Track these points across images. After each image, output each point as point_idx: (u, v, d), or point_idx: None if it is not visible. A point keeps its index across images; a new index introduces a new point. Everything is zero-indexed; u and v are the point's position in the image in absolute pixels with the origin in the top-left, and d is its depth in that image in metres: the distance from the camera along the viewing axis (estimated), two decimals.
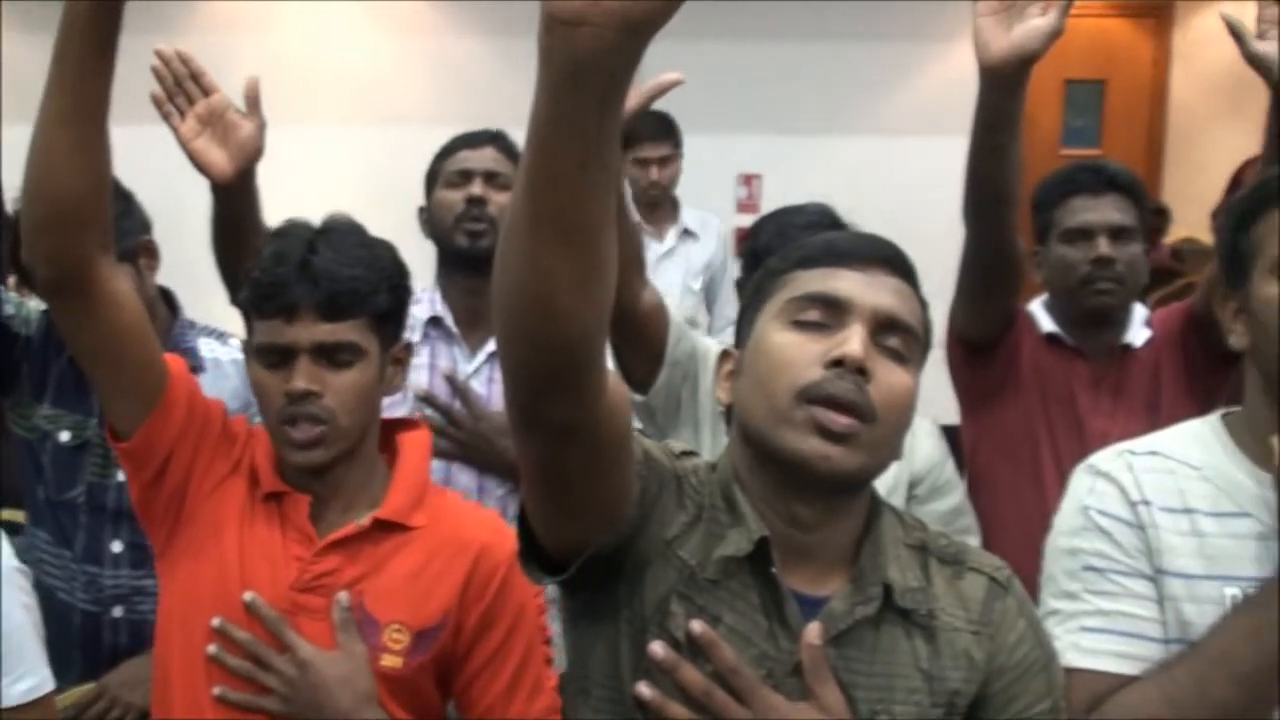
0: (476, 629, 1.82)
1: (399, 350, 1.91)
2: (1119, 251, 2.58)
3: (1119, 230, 2.60)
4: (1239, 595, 1.52)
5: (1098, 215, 2.60)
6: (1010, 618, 1.43)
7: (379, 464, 1.90)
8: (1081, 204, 2.62)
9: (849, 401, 1.31)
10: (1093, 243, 2.59)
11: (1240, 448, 1.60)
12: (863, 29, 5.97)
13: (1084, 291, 2.60)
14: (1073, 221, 2.61)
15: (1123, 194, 2.63)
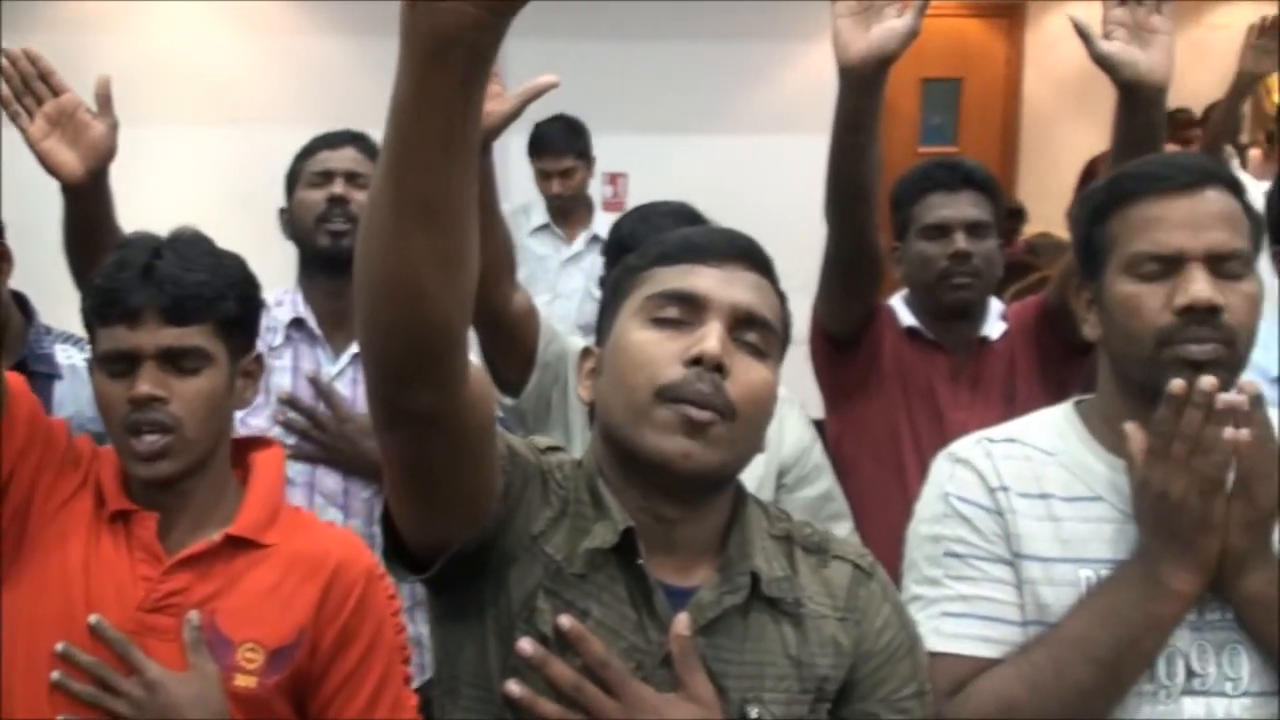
0: (333, 647, 1.77)
1: (249, 362, 1.86)
2: (975, 246, 2.64)
3: (975, 225, 2.65)
4: (1093, 577, 1.56)
5: (954, 211, 2.66)
6: (875, 603, 1.45)
7: (231, 481, 1.85)
8: (939, 200, 2.67)
9: (707, 400, 1.32)
10: (950, 238, 2.64)
11: (1093, 434, 1.64)
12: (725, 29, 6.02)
13: (943, 286, 2.65)
14: (931, 218, 2.67)
15: (978, 190, 2.69)
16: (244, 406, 1.90)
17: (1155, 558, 1.51)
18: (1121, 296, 1.57)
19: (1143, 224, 1.56)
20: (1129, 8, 2.13)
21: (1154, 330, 1.53)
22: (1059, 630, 1.54)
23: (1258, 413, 1.47)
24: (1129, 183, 1.60)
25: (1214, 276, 1.53)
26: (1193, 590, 1.51)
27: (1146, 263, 1.55)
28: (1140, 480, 1.50)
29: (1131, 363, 1.58)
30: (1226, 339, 1.52)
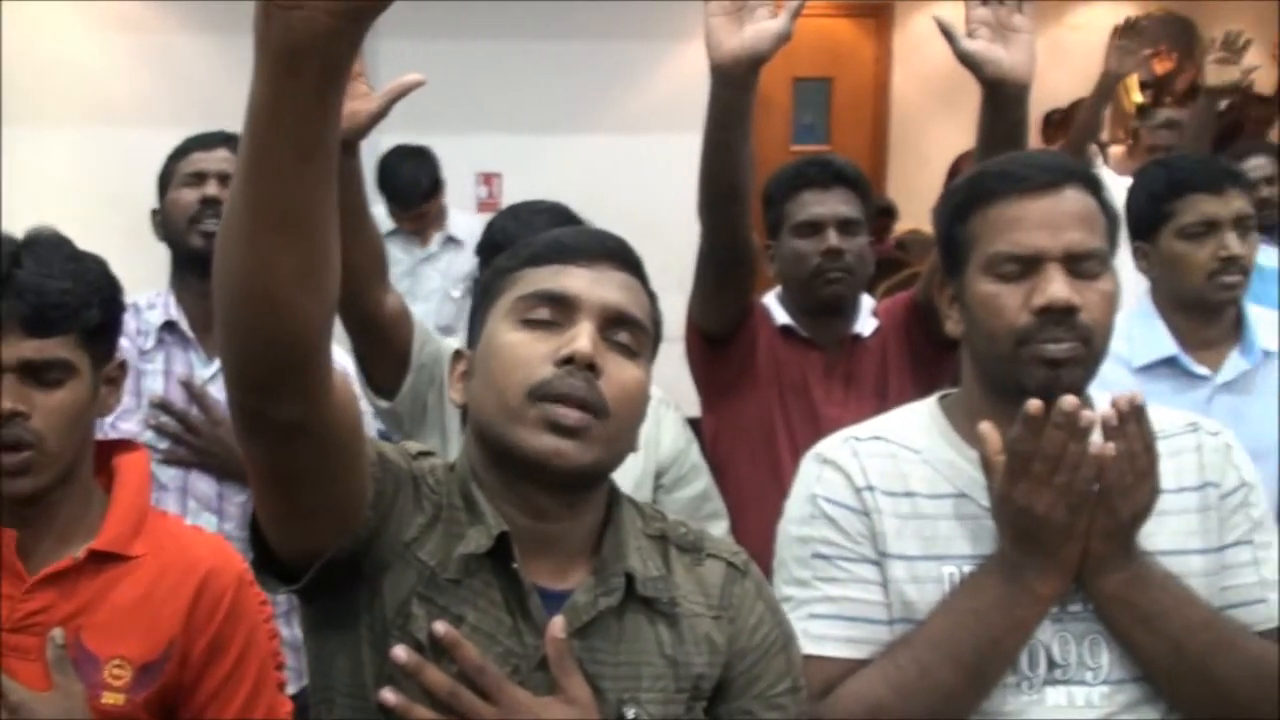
0: (204, 657, 1.74)
1: (112, 369, 1.82)
2: (847, 243, 2.68)
3: (846, 222, 2.69)
4: (956, 573, 1.59)
5: (826, 208, 2.69)
6: (749, 601, 1.46)
7: (95, 489, 1.80)
8: (811, 198, 2.70)
9: (580, 399, 1.33)
10: (823, 235, 2.67)
11: (956, 429, 1.67)
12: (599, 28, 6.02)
13: (816, 282, 2.68)
14: (803, 215, 2.69)
15: (849, 188, 2.72)
16: (107, 413, 1.86)
17: (1018, 563, 1.54)
18: (982, 296, 1.60)
19: (1002, 224, 1.59)
20: (991, 7, 2.16)
21: (1013, 330, 1.56)
22: (924, 632, 1.56)
23: (1131, 425, 1.50)
24: (989, 182, 1.62)
25: (1071, 276, 1.56)
26: (1055, 593, 1.55)
27: (1005, 263, 1.58)
28: (1001, 494, 1.53)
29: (992, 361, 1.61)
30: (1083, 337, 1.56)
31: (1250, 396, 2.61)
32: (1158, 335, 2.64)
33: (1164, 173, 2.67)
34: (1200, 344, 2.63)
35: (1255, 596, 1.63)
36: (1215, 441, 1.70)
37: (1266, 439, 2.58)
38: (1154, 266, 2.67)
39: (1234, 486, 1.67)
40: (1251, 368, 2.63)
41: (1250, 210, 2.62)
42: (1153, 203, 2.64)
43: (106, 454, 1.85)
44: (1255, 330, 2.65)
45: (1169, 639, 1.55)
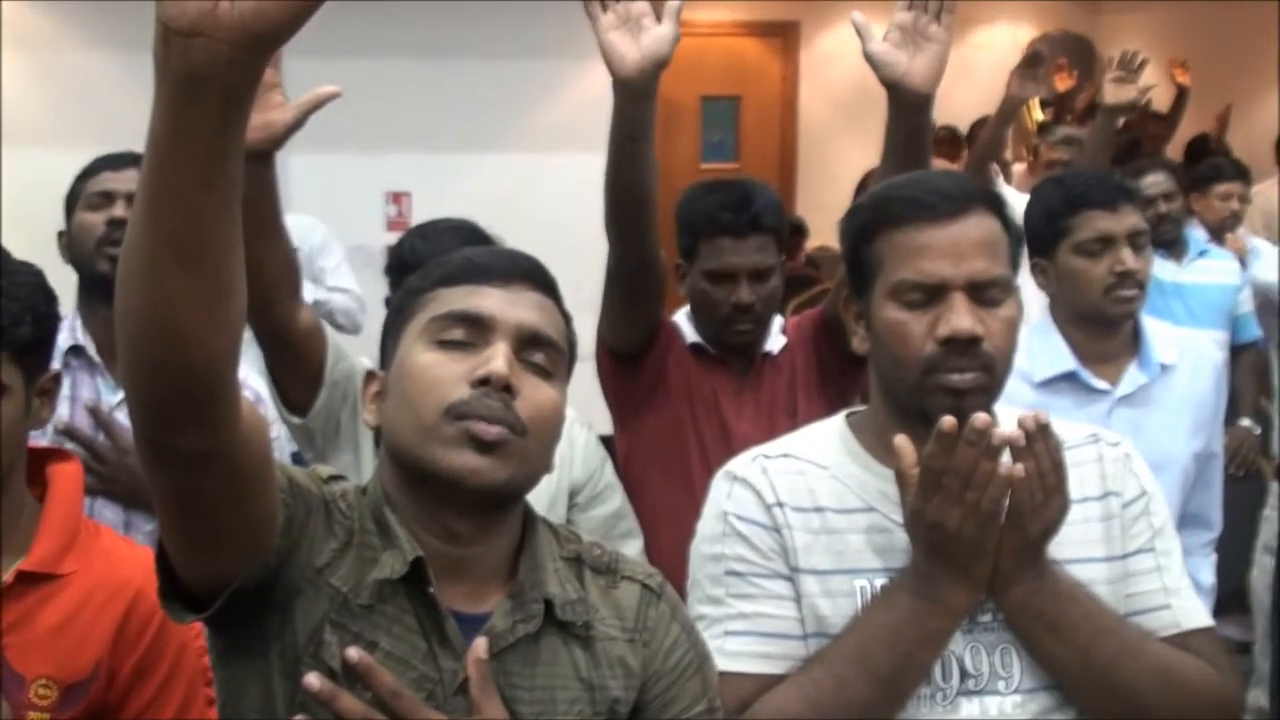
0: (131, 677, 1.72)
1: (46, 381, 1.78)
2: (759, 290, 2.65)
3: (760, 272, 2.66)
4: (868, 587, 1.61)
5: (740, 259, 2.64)
6: (664, 623, 1.47)
7: (27, 501, 1.77)
8: (726, 245, 2.65)
9: (497, 419, 1.33)
10: (734, 284, 2.64)
11: (864, 446, 1.69)
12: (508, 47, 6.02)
13: (725, 330, 2.68)
14: (716, 263, 2.66)
15: (766, 234, 2.68)
16: (40, 426, 1.82)
17: (931, 577, 1.56)
18: (888, 323, 1.62)
19: (908, 252, 1.61)
20: (914, 13, 2.20)
21: (919, 359, 1.59)
22: (838, 646, 1.58)
23: (1038, 443, 1.53)
24: (895, 207, 1.64)
25: (975, 304, 1.59)
26: (967, 606, 1.57)
27: (911, 291, 1.60)
28: (914, 510, 1.54)
29: (898, 386, 1.64)
30: (986, 366, 1.58)
31: (1148, 409, 2.67)
32: (1057, 351, 2.69)
33: (1060, 190, 2.71)
34: (1099, 358, 2.68)
35: (1158, 603, 1.66)
36: (1115, 452, 1.73)
37: (1165, 450, 2.64)
38: (1052, 282, 2.72)
39: (1135, 495, 1.71)
40: (1149, 381, 2.68)
41: (1144, 226, 2.67)
42: (1049, 220, 2.68)
43: (40, 463, 1.82)
44: (1152, 344, 2.70)
45: (1077, 647, 1.57)
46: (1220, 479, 2.88)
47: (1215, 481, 2.84)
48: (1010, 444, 1.51)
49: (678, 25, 2.27)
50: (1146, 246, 2.66)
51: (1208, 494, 2.82)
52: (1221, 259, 4.71)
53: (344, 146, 5.33)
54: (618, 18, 2.26)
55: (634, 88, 2.26)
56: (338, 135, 4.90)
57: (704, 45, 8.92)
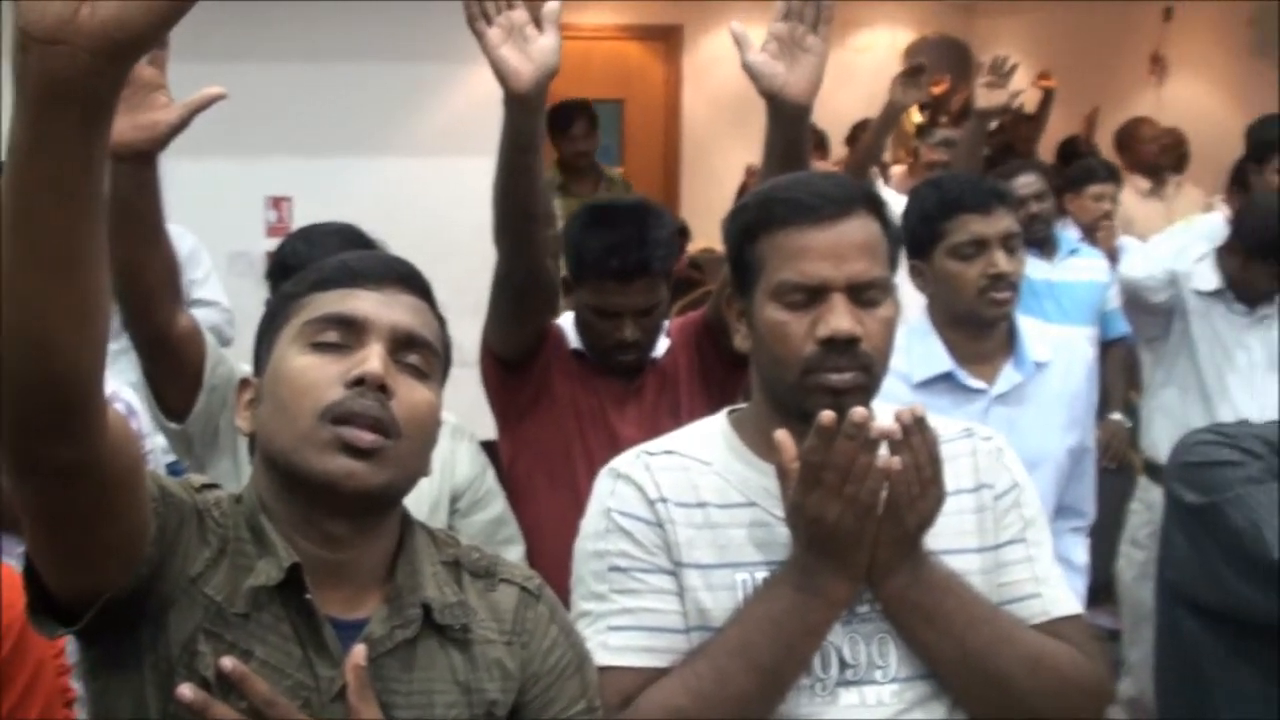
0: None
1: None
2: (644, 325, 2.63)
3: (645, 310, 2.62)
4: (749, 580, 1.63)
5: (626, 300, 2.58)
6: (542, 625, 1.47)
7: None
8: (612, 288, 2.59)
9: (372, 418, 1.32)
10: (619, 322, 2.60)
11: (746, 443, 1.71)
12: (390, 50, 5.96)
13: (608, 358, 2.66)
14: (600, 302, 2.60)
15: (653, 276, 2.60)
16: None
17: (811, 569, 1.58)
18: (769, 323, 1.64)
19: (789, 253, 1.63)
20: (790, 25, 2.21)
21: (799, 359, 1.61)
22: (721, 639, 1.59)
23: (915, 437, 1.56)
24: (777, 209, 1.66)
25: (854, 305, 1.61)
26: (847, 598, 1.59)
27: (792, 292, 1.62)
28: (794, 504, 1.56)
29: (779, 385, 1.66)
30: (864, 365, 1.61)
31: (1024, 407, 2.72)
32: (934, 351, 2.73)
33: (935, 193, 2.76)
34: (975, 358, 2.73)
35: (1029, 592, 1.70)
36: (988, 446, 1.77)
37: (1041, 446, 2.70)
38: (929, 284, 2.76)
39: (1006, 488, 1.74)
40: (1024, 379, 2.74)
41: (1017, 229, 2.72)
42: (925, 223, 2.72)
43: None
44: (1027, 343, 2.76)
45: (952, 636, 1.60)
46: (1093, 471, 2.95)
47: (1088, 474, 2.92)
48: (887, 438, 1.54)
49: (559, 31, 2.27)
50: (1019, 249, 2.72)
51: (1081, 486, 2.89)
52: (1091, 257, 4.83)
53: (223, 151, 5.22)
54: (503, 31, 2.23)
55: (525, 100, 2.25)
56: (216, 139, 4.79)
57: (587, 49, 8.94)
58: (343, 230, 2.50)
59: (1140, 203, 6.38)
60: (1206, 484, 1.84)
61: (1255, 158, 4.38)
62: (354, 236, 2.47)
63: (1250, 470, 1.81)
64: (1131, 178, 6.43)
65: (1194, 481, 1.86)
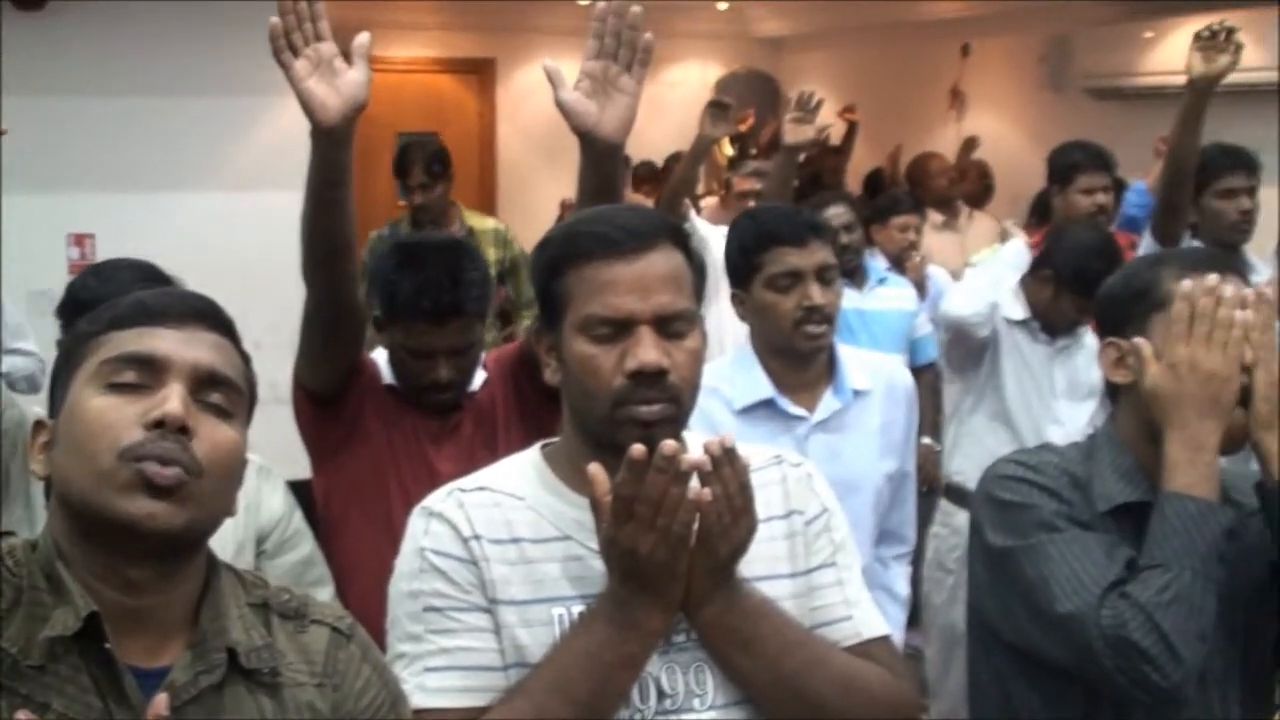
0: None
1: None
2: (459, 364, 2.62)
3: (457, 350, 2.61)
4: (565, 614, 1.63)
5: (440, 341, 2.58)
6: (354, 666, 1.45)
7: None
8: (424, 329, 2.58)
9: (173, 460, 1.29)
10: (433, 362, 2.59)
11: (559, 476, 1.71)
12: (196, 84, 5.84)
13: (421, 397, 2.65)
14: (415, 344, 2.60)
15: (465, 316, 2.60)
16: None
17: (626, 602, 1.58)
18: (578, 357, 1.65)
19: (596, 287, 1.64)
20: (604, 64, 2.22)
21: (608, 392, 1.62)
22: (538, 676, 1.59)
23: (725, 468, 1.57)
24: (584, 242, 1.66)
25: (661, 337, 1.63)
26: (663, 629, 1.60)
27: (599, 325, 1.63)
28: (607, 537, 1.57)
29: (589, 418, 1.66)
30: (673, 397, 1.63)
31: (844, 434, 2.78)
32: (756, 379, 2.77)
33: (752, 225, 2.80)
34: (795, 386, 2.78)
35: (840, 615, 1.74)
36: (798, 472, 1.80)
37: (860, 472, 2.77)
38: (749, 314, 2.81)
39: (817, 513, 1.78)
40: (844, 406, 2.79)
41: (833, 261, 2.77)
42: (744, 254, 2.77)
43: None
44: (847, 371, 2.82)
45: (767, 661, 1.63)
46: (913, 496, 3.02)
47: (909, 499, 2.98)
48: (698, 469, 1.55)
49: (369, 65, 2.25)
50: (835, 281, 2.77)
51: (902, 511, 2.95)
52: (899, 286, 4.97)
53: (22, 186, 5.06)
54: (310, 64, 2.20)
55: (335, 135, 2.23)
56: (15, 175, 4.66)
57: (401, 82, 8.88)
58: (137, 265, 2.44)
59: (934, 235, 6.57)
60: (1006, 526, 1.89)
61: (1059, 180, 4.55)
62: (150, 272, 2.41)
63: (1045, 513, 1.86)
64: (926, 212, 6.62)
65: (995, 521, 1.91)
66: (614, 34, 2.19)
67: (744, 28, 10.11)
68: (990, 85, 8.74)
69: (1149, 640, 1.74)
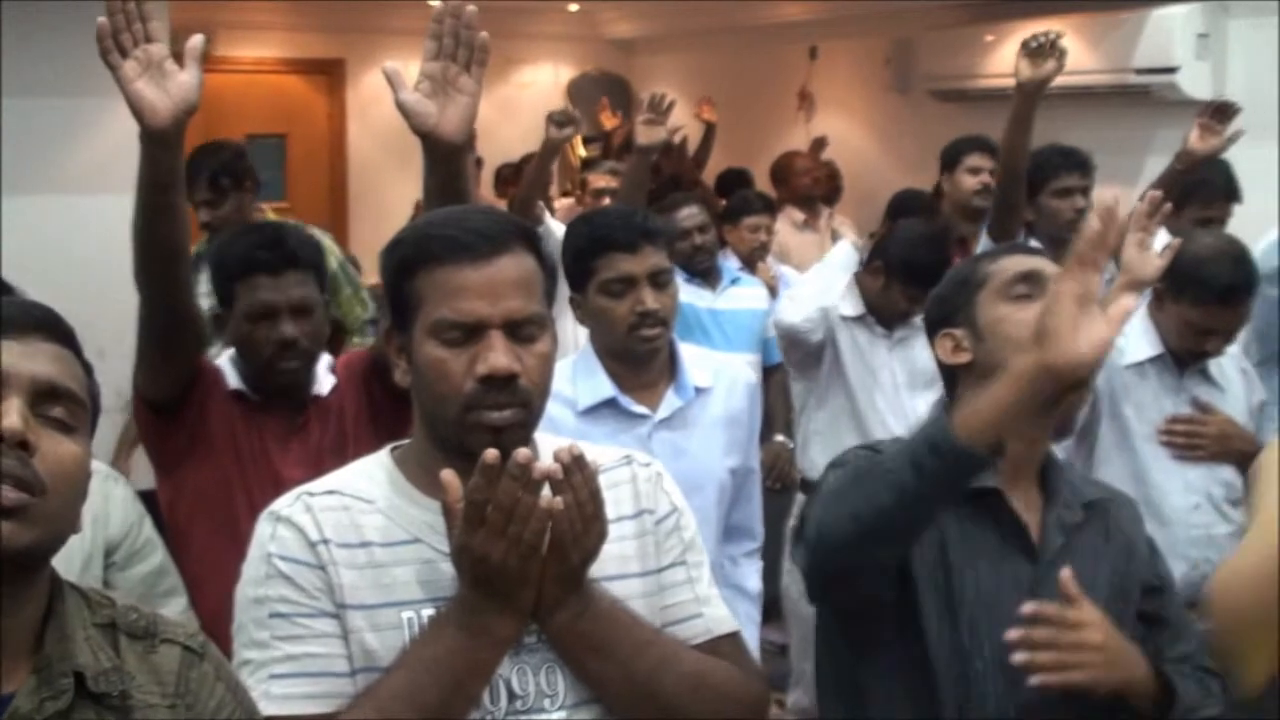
0: None
1: None
2: (303, 327, 2.64)
3: (301, 308, 2.66)
4: (415, 618, 1.62)
5: (280, 294, 2.63)
6: (208, 684, 1.42)
7: None
8: (264, 283, 2.64)
9: (15, 478, 1.25)
10: (276, 321, 2.62)
11: (409, 479, 1.70)
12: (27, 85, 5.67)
13: (271, 371, 2.65)
14: (254, 301, 2.64)
15: (304, 270, 2.68)
16: None
17: (476, 608, 1.58)
18: (429, 360, 1.64)
19: (446, 291, 1.63)
20: (443, 64, 2.21)
21: (459, 396, 1.62)
22: (387, 682, 1.58)
23: (576, 476, 1.57)
24: (434, 245, 1.66)
25: (512, 341, 1.63)
26: (513, 635, 1.60)
27: (449, 329, 1.63)
28: (460, 544, 1.57)
29: (439, 422, 1.66)
30: (524, 402, 1.63)
31: (687, 431, 2.82)
32: (598, 380, 2.79)
33: (586, 230, 2.82)
34: (637, 385, 2.81)
35: (691, 613, 1.76)
36: (647, 472, 1.82)
37: (704, 468, 2.80)
38: (586, 317, 2.83)
39: (666, 512, 1.80)
40: (685, 404, 2.83)
41: (666, 265, 2.79)
42: (578, 259, 2.78)
43: None
44: (687, 369, 2.86)
45: (618, 664, 1.64)
46: (759, 492, 3.07)
47: (755, 495, 3.03)
48: (549, 477, 1.56)
49: (201, 67, 2.22)
50: (670, 284, 2.80)
51: (748, 507, 3.00)
52: (751, 286, 5.03)
53: None
54: (140, 65, 2.18)
55: (164, 137, 2.20)
56: None
57: (248, 83, 8.73)
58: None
59: (795, 234, 6.67)
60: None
61: (946, 167, 4.83)
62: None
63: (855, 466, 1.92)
64: (787, 210, 6.71)
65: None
66: (452, 34, 2.19)
67: (595, 30, 10.14)
68: (838, 87, 8.88)
69: (809, 527, 1.85)
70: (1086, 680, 1.83)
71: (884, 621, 1.93)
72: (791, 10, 8.50)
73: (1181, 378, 3.27)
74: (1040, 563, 1.96)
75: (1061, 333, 1.56)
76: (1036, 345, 1.59)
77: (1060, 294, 1.58)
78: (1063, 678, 1.82)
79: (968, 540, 1.93)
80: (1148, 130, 6.21)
